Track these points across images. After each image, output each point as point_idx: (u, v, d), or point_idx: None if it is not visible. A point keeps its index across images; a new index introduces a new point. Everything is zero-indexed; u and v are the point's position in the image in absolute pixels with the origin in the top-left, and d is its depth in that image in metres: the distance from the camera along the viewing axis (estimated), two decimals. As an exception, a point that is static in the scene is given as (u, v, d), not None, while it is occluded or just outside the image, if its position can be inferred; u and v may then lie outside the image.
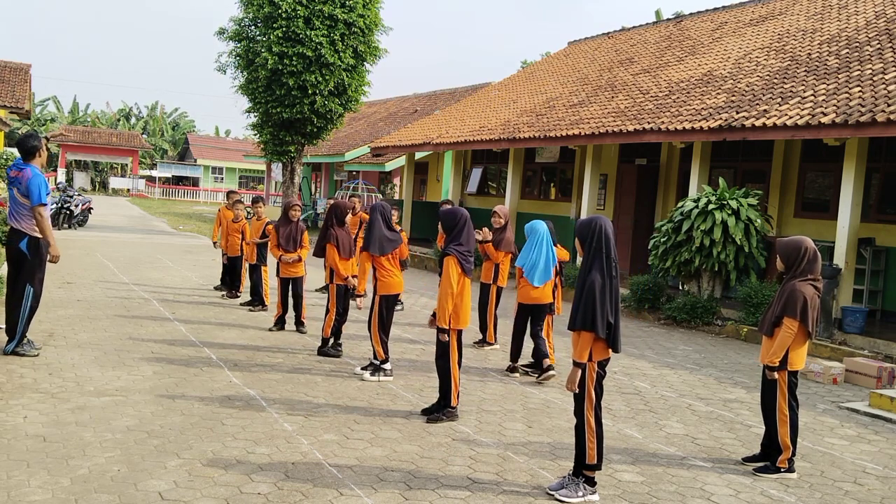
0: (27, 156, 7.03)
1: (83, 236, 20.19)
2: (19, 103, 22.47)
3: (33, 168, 6.96)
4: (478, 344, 9.06)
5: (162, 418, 5.62)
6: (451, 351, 6.03)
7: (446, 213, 6.26)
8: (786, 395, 5.33)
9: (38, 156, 7.07)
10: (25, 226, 6.93)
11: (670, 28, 20.03)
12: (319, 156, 30.11)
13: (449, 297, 5.93)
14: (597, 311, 4.52)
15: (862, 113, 9.91)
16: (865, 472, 5.55)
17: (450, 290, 5.92)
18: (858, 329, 10.08)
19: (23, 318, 7.01)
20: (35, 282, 7.00)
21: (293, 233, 9.35)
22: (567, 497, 4.61)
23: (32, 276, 6.99)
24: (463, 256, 5.99)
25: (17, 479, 4.39)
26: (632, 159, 16.83)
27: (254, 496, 4.37)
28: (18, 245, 6.93)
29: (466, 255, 6.02)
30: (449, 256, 6.01)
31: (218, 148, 60.00)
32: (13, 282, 7.06)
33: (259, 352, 8.08)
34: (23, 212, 6.92)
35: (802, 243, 5.41)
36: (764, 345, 5.51)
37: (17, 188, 6.92)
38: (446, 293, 5.93)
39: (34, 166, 7.00)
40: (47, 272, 7.45)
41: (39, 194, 6.84)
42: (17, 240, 6.94)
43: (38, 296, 7.07)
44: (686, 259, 11.45)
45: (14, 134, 43.20)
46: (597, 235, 4.65)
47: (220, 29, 22.10)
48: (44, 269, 7.13)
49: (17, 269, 7.04)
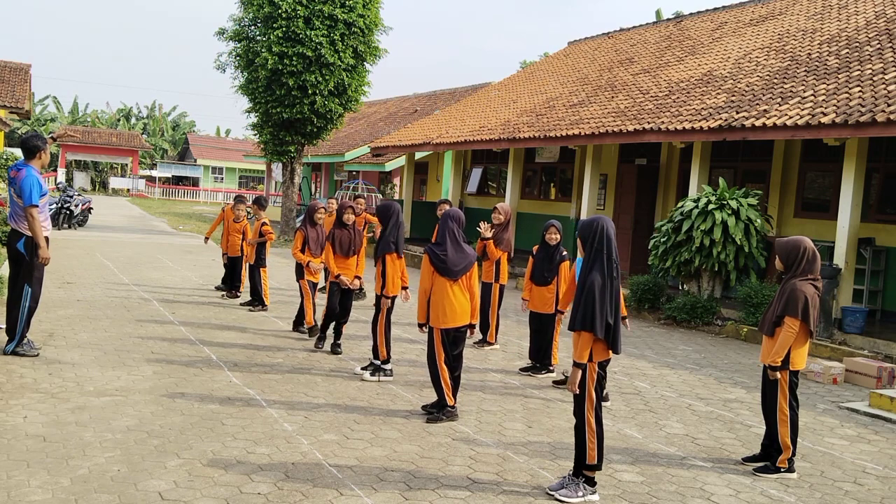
0: (28, 155, 7.01)
1: (83, 236, 20.19)
2: (19, 103, 22.48)
3: (29, 168, 6.92)
4: (478, 344, 9.05)
5: (162, 418, 5.62)
6: (436, 350, 6.01)
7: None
8: (787, 394, 5.33)
9: (39, 157, 7.04)
10: (23, 226, 6.92)
11: (670, 28, 20.03)
12: (319, 156, 30.11)
13: (421, 293, 6.07)
14: (596, 311, 4.52)
15: (862, 113, 9.91)
16: (865, 472, 5.55)
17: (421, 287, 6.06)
18: (858, 329, 10.09)
19: (22, 318, 7.01)
20: (33, 282, 7.00)
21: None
22: (567, 497, 4.61)
23: (31, 277, 6.99)
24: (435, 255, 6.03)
25: (17, 479, 4.39)
26: (632, 159, 16.83)
27: (254, 496, 4.37)
28: (16, 245, 6.96)
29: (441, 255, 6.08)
30: (425, 254, 6.08)
31: (218, 148, 59.98)
32: (13, 282, 7.07)
33: (259, 352, 8.08)
34: (20, 212, 6.92)
35: (802, 243, 5.41)
36: (764, 345, 5.50)
37: (14, 188, 6.92)
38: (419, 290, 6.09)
39: (32, 167, 6.96)
40: (48, 272, 7.45)
41: (31, 195, 6.78)
42: (16, 240, 6.96)
43: (36, 296, 7.07)
44: (686, 259, 11.45)
45: (14, 134, 43.27)
46: (598, 236, 4.65)
47: (220, 29, 22.11)
48: (42, 270, 7.12)
49: (15, 270, 7.05)
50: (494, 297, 8.94)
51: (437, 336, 6.00)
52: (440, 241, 6.09)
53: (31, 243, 6.91)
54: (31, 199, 6.78)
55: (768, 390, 5.46)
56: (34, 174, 6.89)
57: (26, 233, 6.91)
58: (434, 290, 5.99)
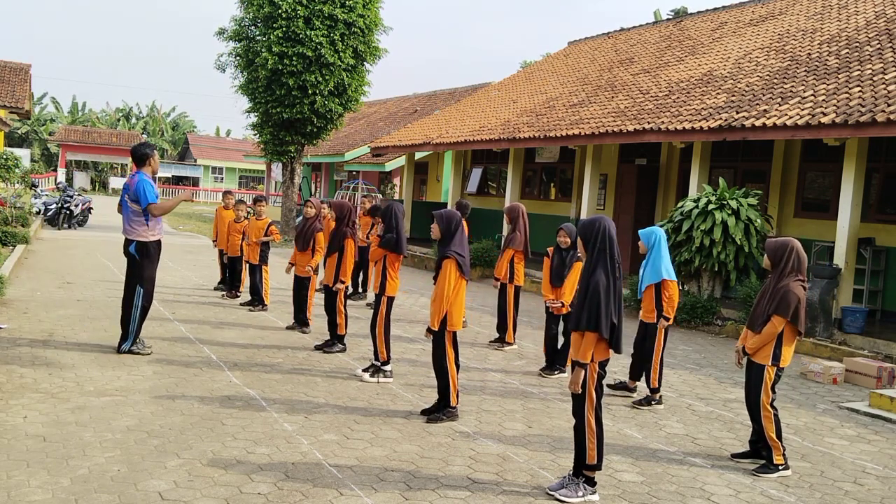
0: (139, 163, 7.52)
1: (83, 236, 20.18)
2: (19, 103, 22.49)
3: (141, 174, 7.45)
4: (494, 343, 9.13)
5: (162, 418, 5.62)
6: (447, 351, 6.03)
7: (440, 216, 6.21)
8: (769, 391, 5.38)
9: (149, 163, 7.53)
10: (134, 231, 7.38)
11: (670, 28, 20.04)
12: (319, 156, 30.11)
13: (444, 299, 5.92)
14: (601, 311, 4.52)
15: (862, 113, 9.90)
16: (865, 472, 5.55)
17: (445, 293, 5.91)
18: (858, 329, 10.08)
19: (135, 318, 7.45)
20: (145, 282, 7.45)
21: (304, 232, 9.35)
22: (567, 497, 4.61)
23: (142, 278, 7.44)
24: (462, 259, 5.98)
25: (17, 479, 4.39)
26: (632, 159, 16.83)
27: (254, 496, 4.37)
28: (128, 249, 7.46)
29: (464, 259, 6.02)
30: (448, 259, 5.98)
31: (218, 148, 59.96)
32: (126, 284, 7.52)
33: (259, 352, 8.08)
34: (133, 217, 7.38)
35: (790, 243, 5.52)
36: (747, 337, 5.59)
37: (128, 195, 7.41)
38: (441, 296, 5.92)
39: (143, 173, 7.47)
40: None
41: (145, 195, 7.31)
42: (127, 245, 7.47)
43: (149, 294, 7.52)
44: (686, 259, 11.45)
45: (14, 134, 43.22)
46: (600, 236, 4.65)
47: (220, 29, 22.12)
48: (153, 269, 7.56)
49: (128, 272, 7.51)
50: (510, 298, 8.98)
51: (449, 339, 6.04)
52: (457, 243, 6.02)
53: (143, 247, 7.41)
54: (147, 199, 7.33)
55: (752, 387, 5.50)
56: (146, 179, 7.43)
57: (138, 238, 7.39)
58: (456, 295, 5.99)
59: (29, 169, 32.71)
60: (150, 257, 7.48)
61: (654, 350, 6.90)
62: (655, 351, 6.89)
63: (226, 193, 12.71)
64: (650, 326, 6.99)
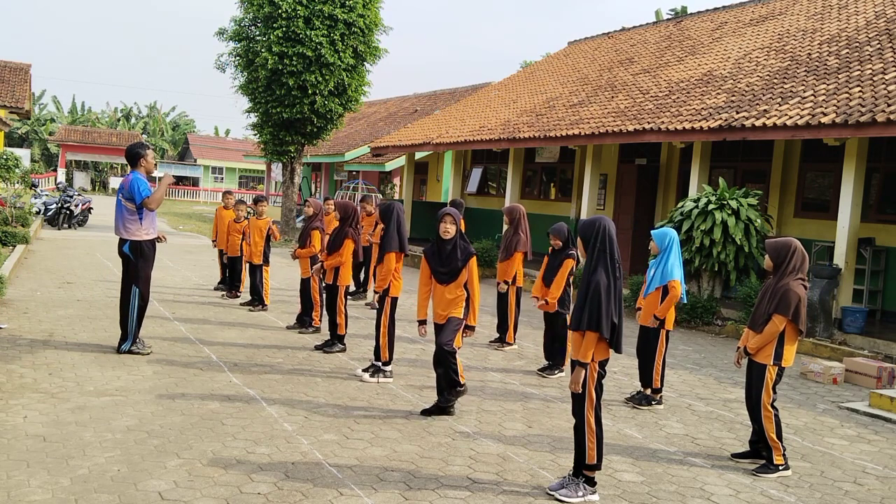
0: (132, 162, 7.52)
1: (83, 236, 20.19)
2: (19, 103, 22.50)
3: (135, 173, 7.43)
4: (494, 343, 9.14)
5: (162, 418, 5.62)
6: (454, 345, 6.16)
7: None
8: (770, 390, 5.38)
9: (141, 163, 7.50)
10: (128, 231, 7.38)
11: (670, 28, 20.04)
12: (319, 156, 30.12)
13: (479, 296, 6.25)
14: (602, 311, 4.52)
15: (862, 113, 9.90)
16: (865, 472, 5.55)
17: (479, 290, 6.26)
18: (858, 329, 10.09)
19: (132, 318, 7.46)
20: (140, 282, 7.45)
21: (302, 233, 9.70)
22: (567, 497, 4.61)
23: (137, 278, 7.45)
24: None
25: (17, 479, 4.39)
26: (632, 159, 16.83)
27: (254, 496, 4.37)
28: (122, 249, 7.45)
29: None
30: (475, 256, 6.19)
31: (218, 148, 59.96)
32: (122, 285, 7.52)
33: (259, 352, 8.08)
34: (127, 217, 7.37)
35: (792, 242, 5.51)
36: (749, 337, 5.58)
37: (122, 194, 7.38)
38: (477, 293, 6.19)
39: (136, 172, 7.45)
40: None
41: (139, 192, 7.29)
42: (122, 245, 7.45)
43: (144, 295, 7.52)
44: (686, 259, 11.45)
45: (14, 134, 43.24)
46: (600, 236, 4.66)
47: (220, 29, 22.12)
48: (148, 270, 7.55)
49: (124, 272, 7.52)
50: (511, 298, 9.00)
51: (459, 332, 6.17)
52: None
53: (138, 246, 7.41)
54: (142, 195, 7.30)
55: (753, 387, 5.50)
56: (139, 177, 7.41)
57: (131, 238, 7.39)
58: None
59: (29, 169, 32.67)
60: (145, 257, 7.47)
61: (656, 351, 6.89)
62: (658, 351, 6.88)
63: (226, 193, 12.72)
64: (651, 331, 6.96)
